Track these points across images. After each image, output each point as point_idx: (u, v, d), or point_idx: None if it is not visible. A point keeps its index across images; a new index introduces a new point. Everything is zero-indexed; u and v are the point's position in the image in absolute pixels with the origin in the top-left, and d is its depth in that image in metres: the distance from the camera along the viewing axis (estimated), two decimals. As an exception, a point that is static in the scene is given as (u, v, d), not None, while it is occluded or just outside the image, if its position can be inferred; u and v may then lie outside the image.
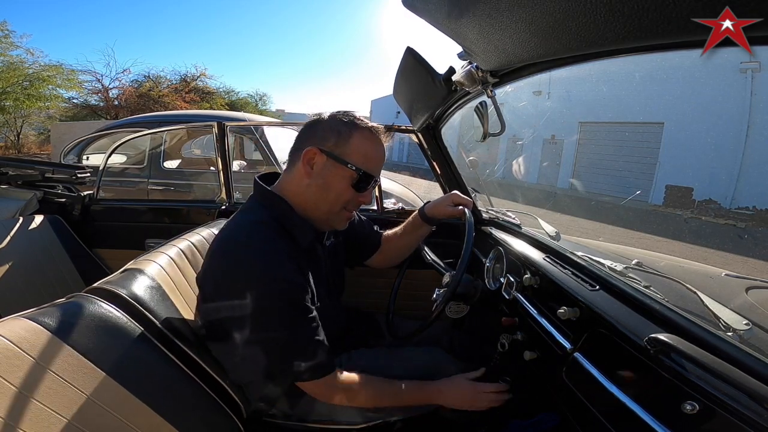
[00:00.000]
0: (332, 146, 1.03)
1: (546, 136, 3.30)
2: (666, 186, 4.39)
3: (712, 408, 0.61)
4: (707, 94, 2.42)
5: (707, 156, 3.86)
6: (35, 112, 15.39)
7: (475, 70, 1.11)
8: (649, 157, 4.92)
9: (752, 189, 3.04)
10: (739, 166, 3.09)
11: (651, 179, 4.63)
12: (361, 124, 1.05)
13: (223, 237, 1.03)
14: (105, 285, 0.99)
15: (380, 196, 2.24)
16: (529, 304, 1.17)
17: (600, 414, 0.80)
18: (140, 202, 2.95)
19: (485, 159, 1.99)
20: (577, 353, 0.91)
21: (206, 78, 20.41)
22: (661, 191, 4.36)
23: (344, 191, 1.04)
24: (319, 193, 1.04)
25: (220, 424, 1.05)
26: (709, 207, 3.45)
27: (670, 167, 4.59)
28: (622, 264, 1.10)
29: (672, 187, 4.31)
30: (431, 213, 1.40)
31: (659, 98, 2.55)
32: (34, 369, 0.75)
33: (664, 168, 4.62)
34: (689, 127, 4.16)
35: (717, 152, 3.62)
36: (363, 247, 1.43)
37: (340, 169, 1.03)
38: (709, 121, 3.46)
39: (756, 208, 3.12)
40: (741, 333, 0.75)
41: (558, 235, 1.48)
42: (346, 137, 1.03)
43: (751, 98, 2.60)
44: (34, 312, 0.82)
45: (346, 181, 1.03)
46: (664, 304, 0.85)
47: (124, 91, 17.71)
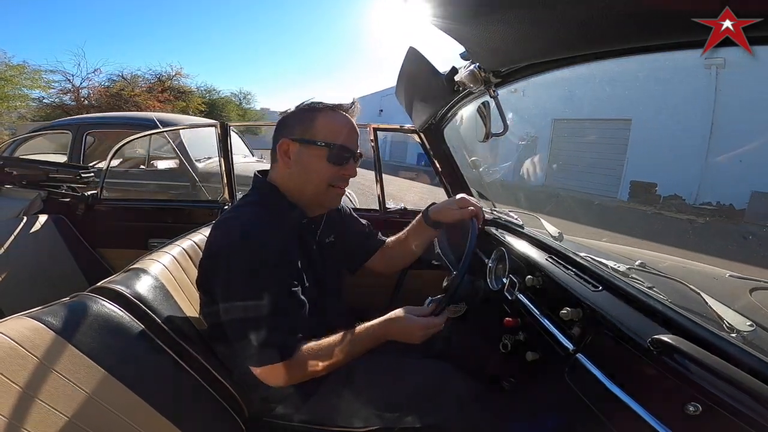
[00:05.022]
0: (300, 132, 1.09)
1: (521, 133, 3.31)
2: (630, 182, 4.44)
3: (716, 409, 0.61)
4: (673, 90, 2.42)
5: (673, 152, 3.87)
6: (5, 112, 15.29)
7: (478, 69, 1.11)
8: (618, 154, 4.95)
9: (717, 184, 3.05)
10: (704, 161, 3.09)
11: (620, 175, 4.67)
12: (320, 106, 1.12)
13: (219, 218, 1.14)
14: (108, 284, 0.99)
15: (383, 195, 2.24)
16: (532, 305, 1.16)
17: (602, 415, 0.80)
18: (143, 202, 2.96)
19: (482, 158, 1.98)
20: (579, 354, 0.91)
21: (182, 77, 20.33)
22: (627, 187, 4.40)
23: (323, 168, 1.09)
24: (303, 177, 1.10)
25: (222, 424, 1.05)
26: (673, 202, 3.47)
27: (638, 163, 4.62)
28: (625, 265, 1.10)
29: (636, 182, 4.37)
30: (436, 217, 1.33)
31: (627, 94, 2.55)
32: (38, 368, 0.75)
33: (632, 164, 4.65)
34: (655, 123, 4.17)
35: (683, 148, 3.63)
36: (362, 247, 1.42)
37: (313, 150, 1.08)
38: (675, 117, 3.47)
39: (720, 203, 3.13)
40: (745, 334, 0.75)
41: (561, 235, 1.47)
42: (310, 120, 1.09)
43: (716, 95, 2.60)
44: (38, 311, 0.83)
45: (321, 158, 1.09)
46: (668, 305, 0.84)
47: (94, 90, 17.70)
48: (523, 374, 1.18)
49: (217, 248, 1.03)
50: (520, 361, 1.14)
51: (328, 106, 1.12)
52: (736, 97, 2.00)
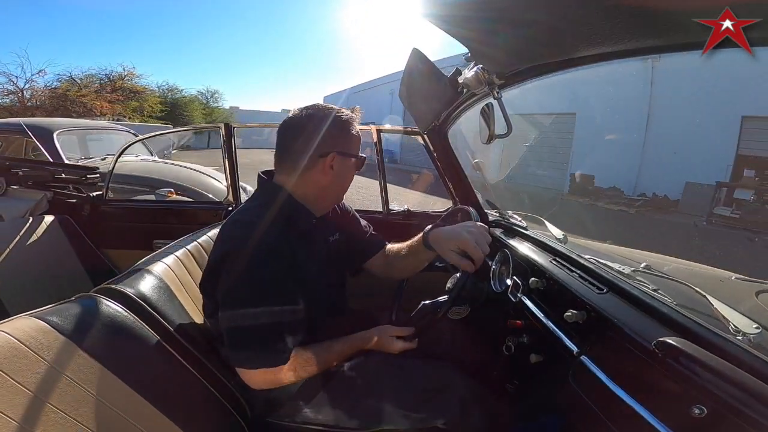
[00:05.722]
0: (342, 145, 1.12)
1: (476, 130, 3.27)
2: (570, 174, 4.48)
3: (721, 412, 0.61)
4: (613, 82, 2.41)
5: (613, 144, 3.91)
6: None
7: (482, 71, 1.11)
8: (564, 147, 4.98)
9: (654, 176, 3.05)
10: (641, 153, 3.12)
11: (566, 168, 4.70)
12: (352, 119, 1.15)
13: (225, 221, 1.15)
14: (113, 285, 1.00)
15: (386, 197, 2.24)
16: (536, 307, 1.16)
17: (606, 418, 0.79)
18: (148, 203, 2.98)
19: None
20: (583, 356, 0.90)
21: (135, 77, 20.45)
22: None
23: (352, 178, 1.19)
24: (338, 187, 1.17)
25: (225, 424, 1.05)
26: (609, 194, 3.50)
27: (582, 156, 4.67)
28: (630, 267, 1.09)
29: (575, 175, 4.41)
30: (434, 245, 1.23)
31: (573, 87, 2.54)
32: (42, 368, 0.75)
33: (577, 156, 4.69)
34: (597, 116, 4.21)
35: (621, 140, 3.66)
36: (363, 246, 1.42)
37: (349, 162, 1.14)
38: (614, 109, 3.50)
39: (655, 194, 3.13)
40: (751, 337, 0.74)
41: (565, 237, 1.47)
42: (348, 133, 1.13)
43: (651, 88, 2.61)
44: (43, 311, 0.83)
45: (354, 169, 1.17)
46: (673, 307, 0.84)
47: (38, 92, 17.81)
48: (527, 377, 1.18)
49: (220, 254, 1.03)
50: (523, 363, 1.14)
51: (355, 118, 1.16)
52: (672, 88, 2.01)
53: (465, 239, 1.13)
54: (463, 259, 1.13)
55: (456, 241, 1.15)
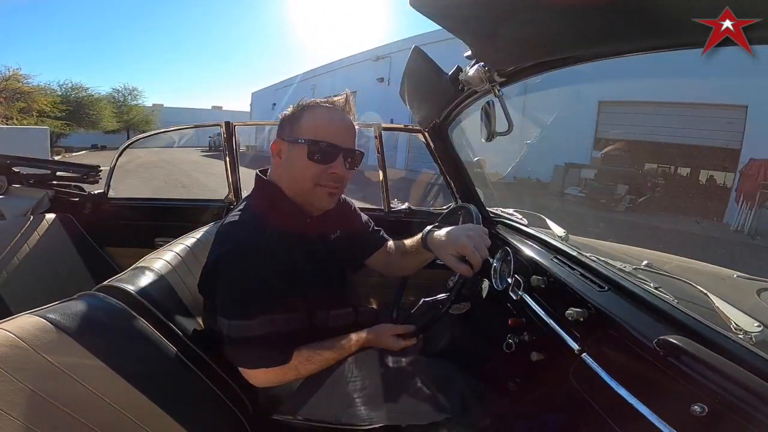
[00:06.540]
0: (288, 132, 1.10)
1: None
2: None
3: (722, 410, 0.60)
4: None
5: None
6: None
7: (483, 69, 1.11)
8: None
9: (530, 162, 3.07)
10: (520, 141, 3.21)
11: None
12: (312, 103, 1.11)
13: (222, 223, 1.15)
14: (115, 283, 1.00)
15: (387, 195, 2.24)
16: (537, 305, 1.16)
17: (607, 415, 0.79)
18: (150, 201, 2.98)
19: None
20: (584, 354, 0.90)
21: (22, 78, 19.58)
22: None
23: (305, 166, 1.06)
24: (290, 176, 1.10)
25: (227, 421, 1.06)
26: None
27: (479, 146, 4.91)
28: (631, 265, 1.09)
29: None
30: (433, 248, 1.23)
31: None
32: (44, 366, 0.76)
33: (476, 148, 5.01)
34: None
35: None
36: (364, 242, 1.42)
37: (296, 148, 1.07)
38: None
39: (529, 178, 3.16)
40: (753, 335, 0.74)
41: (566, 235, 1.47)
42: (298, 119, 1.09)
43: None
44: (45, 309, 0.83)
45: (302, 156, 1.06)
46: (674, 305, 0.84)
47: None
48: (528, 374, 1.18)
49: (215, 257, 1.03)
50: (524, 361, 1.14)
51: (318, 103, 1.10)
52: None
53: (463, 244, 1.11)
54: (462, 264, 1.12)
55: (454, 246, 1.13)
